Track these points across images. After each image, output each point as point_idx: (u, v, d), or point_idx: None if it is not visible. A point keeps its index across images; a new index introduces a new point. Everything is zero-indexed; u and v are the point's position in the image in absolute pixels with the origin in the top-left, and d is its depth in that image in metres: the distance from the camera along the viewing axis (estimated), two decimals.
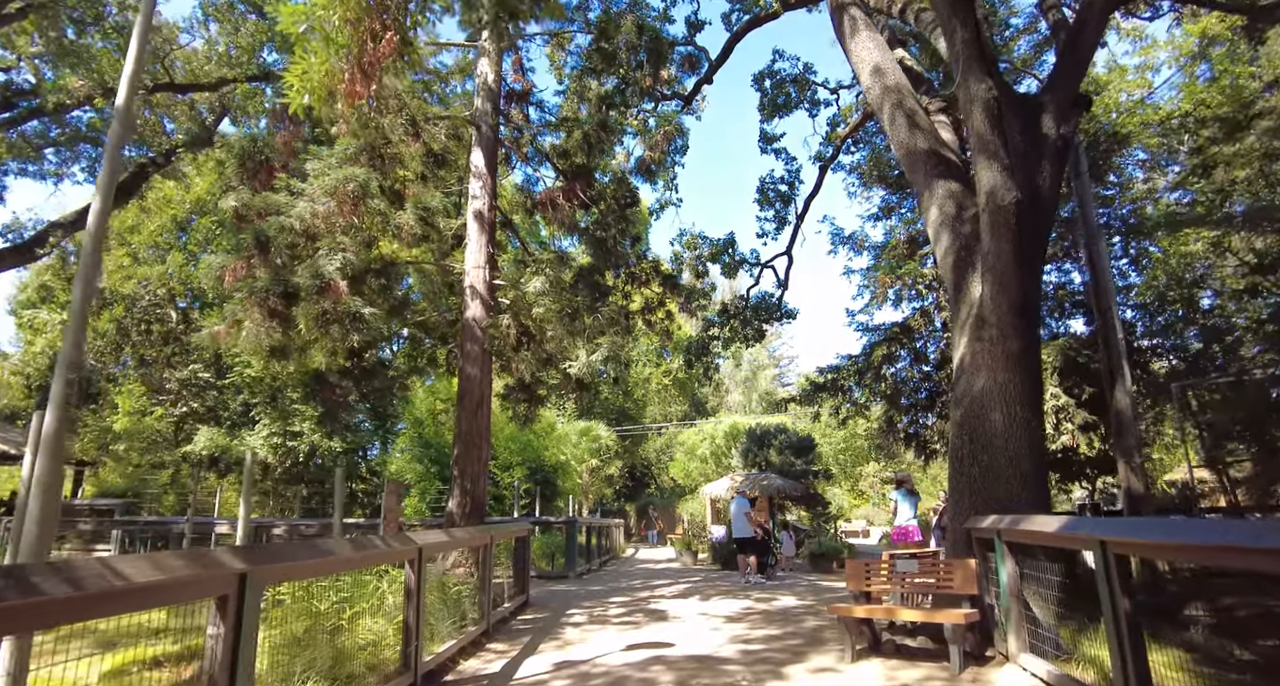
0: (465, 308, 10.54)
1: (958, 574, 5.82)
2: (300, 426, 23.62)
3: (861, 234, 18.18)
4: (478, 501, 9.87)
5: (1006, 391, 6.73)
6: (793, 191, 17.68)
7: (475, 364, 10.25)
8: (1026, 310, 7.01)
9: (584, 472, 27.09)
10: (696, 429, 30.70)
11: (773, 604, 9.72)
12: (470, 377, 10.20)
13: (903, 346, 16.25)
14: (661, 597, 10.67)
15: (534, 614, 9.22)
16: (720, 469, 26.20)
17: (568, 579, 13.59)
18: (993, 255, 6.79)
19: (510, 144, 12.94)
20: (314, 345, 9.25)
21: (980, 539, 6.12)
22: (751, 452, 21.94)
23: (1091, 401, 13.73)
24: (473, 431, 10.02)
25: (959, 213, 8.01)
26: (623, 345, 9.41)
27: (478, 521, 9.90)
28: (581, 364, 9.29)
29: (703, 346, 18.92)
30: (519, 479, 18.03)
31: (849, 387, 18.95)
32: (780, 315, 19.26)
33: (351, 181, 7.11)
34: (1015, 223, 6.67)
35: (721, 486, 19.82)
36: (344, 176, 7.11)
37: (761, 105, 19.10)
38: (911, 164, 8.68)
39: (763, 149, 18.93)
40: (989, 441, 6.70)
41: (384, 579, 7.64)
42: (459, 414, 10.22)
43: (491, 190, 10.95)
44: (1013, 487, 6.47)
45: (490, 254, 10.69)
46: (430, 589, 7.86)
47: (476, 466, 9.94)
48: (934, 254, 8.22)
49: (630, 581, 13.48)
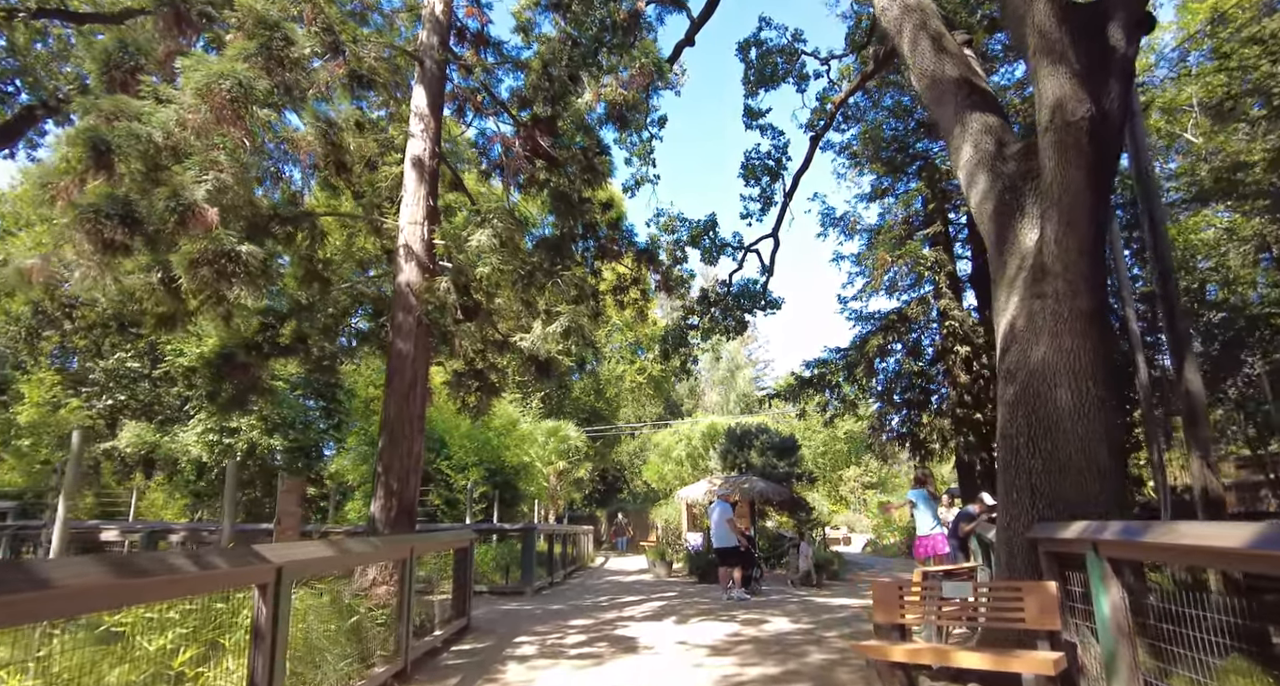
0: (398, 271, 8.79)
1: (1031, 601, 4.25)
2: (239, 422, 21.55)
3: (854, 214, 16.77)
4: (406, 504, 8.09)
5: (1076, 362, 5.21)
6: (780, 168, 16.22)
7: (407, 338, 8.49)
8: (1097, 257, 5.52)
9: (551, 476, 25.27)
10: (672, 429, 29.05)
11: (764, 628, 8.10)
12: (401, 355, 8.44)
13: (899, 337, 14.82)
14: (631, 619, 8.98)
15: (473, 642, 7.48)
16: (697, 471, 24.60)
17: (523, 595, 11.83)
18: (1059, 185, 5.28)
19: (464, 95, 11.23)
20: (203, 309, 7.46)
21: (1057, 554, 4.57)
22: (731, 454, 20.37)
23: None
24: (402, 419, 8.25)
25: (999, 149, 6.51)
26: (586, 315, 7.77)
27: (407, 528, 8.12)
28: (535, 336, 7.59)
29: (680, 337, 17.32)
30: (474, 481, 16.20)
31: (836, 383, 17.50)
32: (764, 304, 17.74)
33: (227, 79, 5.39)
34: (1089, 142, 5.17)
35: (699, 490, 18.20)
36: (218, 72, 5.38)
37: (746, 78, 17.67)
38: (938, 95, 7.17)
39: (748, 124, 17.48)
40: (1054, 425, 5.17)
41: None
42: (386, 398, 8.45)
43: (435, 134, 9.23)
44: (1086, 484, 4.94)
45: (431, 208, 8.95)
46: (328, 616, 6.09)
47: (406, 462, 8.16)
48: (968, 200, 6.73)
49: (596, 598, 11.77)
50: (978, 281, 16.31)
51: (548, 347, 7.76)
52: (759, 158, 16.45)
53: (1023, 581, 4.53)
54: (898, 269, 14.42)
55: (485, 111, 11.00)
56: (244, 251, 5.78)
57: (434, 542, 6.95)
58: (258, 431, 21.22)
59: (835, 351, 17.59)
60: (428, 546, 6.85)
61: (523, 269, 7.95)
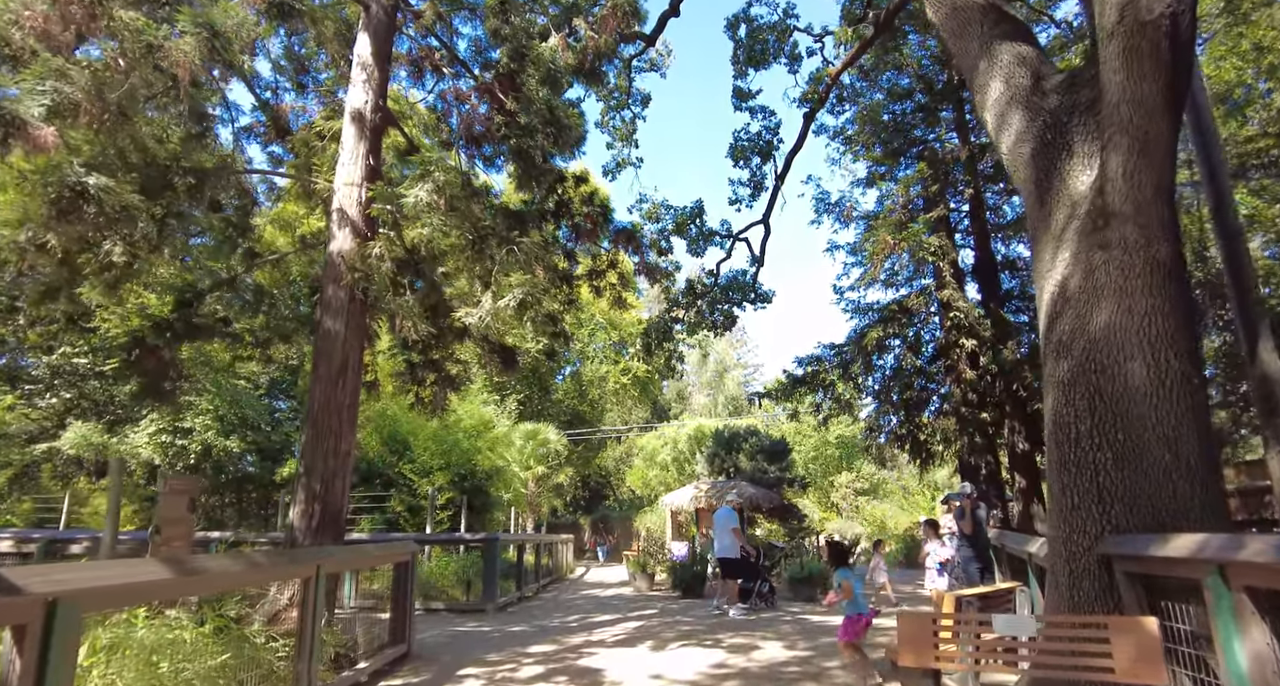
0: (330, 238, 7.56)
1: (1122, 644, 3.07)
2: (193, 422, 20.17)
3: (850, 199, 15.67)
4: (332, 511, 6.83)
5: (1152, 327, 4.08)
6: (772, 148, 15.12)
7: (337, 316, 7.25)
8: (1172, 200, 4.40)
9: (530, 481, 23.97)
10: (657, 433, 27.80)
11: (753, 656, 6.89)
12: (329, 334, 7.19)
13: (900, 330, 13.71)
14: (600, 644, 7.75)
15: (409, 676, 6.23)
16: (683, 477, 23.39)
17: (484, 613, 10.56)
18: (1130, 105, 4.16)
19: (422, 55, 10.05)
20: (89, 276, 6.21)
21: (1145, 577, 3.42)
22: (719, 457, 19.18)
23: None
24: (329, 410, 7.00)
25: (1036, 83, 5.41)
26: (547, 288, 6.57)
27: (334, 538, 6.86)
28: (484, 311, 6.37)
29: (663, 331, 16.17)
30: (438, 486, 14.91)
31: (831, 382, 16.37)
32: (754, 297, 16.62)
33: None
34: (1170, 47, 4.06)
35: (684, 496, 16.99)
36: None
37: (735, 57, 16.61)
38: (961, 25, 6.07)
39: (737, 106, 16.42)
40: (1125, 409, 4.03)
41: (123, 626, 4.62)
42: (312, 385, 7.19)
43: (379, 86, 8.03)
44: (1175, 484, 3.79)
45: (372, 168, 7.74)
46: (207, 650, 4.85)
47: (333, 461, 6.91)
48: (998, 146, 5.63)
49: (566, 616, 10.52)
50: (981, 272, 15.26)
51: (499, 326, 6.56)
52: (749, 138, 15.36)
53: (1107, 616, 3.36)
54: (898, 257, 13.33)
55: (443, 71, 9.80)
56: (93, 185, 4.55)
57: (356, 558, 5.71)
58: (213, 432, 19.81)
59: (829, 348, 16.47)
60: (347, 561, 5.59)
61: (471, 233, 6.75)
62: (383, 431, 16.08)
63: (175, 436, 20.21)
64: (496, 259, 6.83)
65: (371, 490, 15.51)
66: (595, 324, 27.70)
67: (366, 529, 14.92)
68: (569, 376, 29.67)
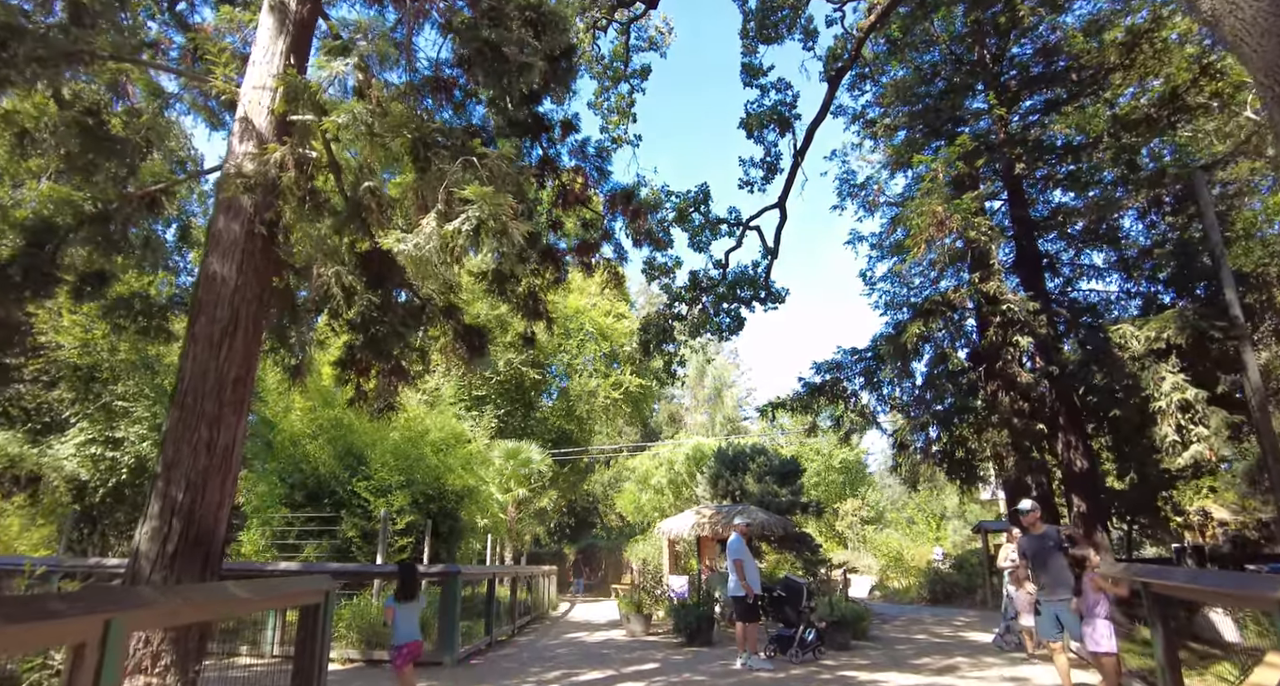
0: (229, 156, 5.52)
1: None
2: (126, 431, 17.84)
3: (877, 180, 13.84)
4: (202, 531, 4.67)
5: None
6: (791, 120, 13.33)
7: (229, 255, 5.17)
8: None
9: (510, 505, 21.62)
10: (651, 453, 25.52)
11: None
12: (214, 280, 5.11)
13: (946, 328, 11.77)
14: None
15: None
16: (681, 501, 21.14)
17: (440, 667, 8.29)
18: None
19: None
20: None
21: None
22: (722, 479, 17.01)
23: (1230, 395, 9.43)
24: (207, 385, 4.88)
25: None
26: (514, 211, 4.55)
27: (203, 571, 4.68)
28: (426, 235, 4.30)
29: (663, 329, 14.17)
30: (398, 509, 12.66)
31: (853, 393, 14.37)
32: (766, 295, 14.71)
33: None
34: None
35: (684, 523, 14.79)
36: None
37: (745, 32, 14.97)
38: None
39: (746, 82, 14.69)
40: None
41: None
42: (184, 350, 5.08)
43: None
44: None
45: (289, 69, 5.74)
46: None
47: (206, 458, 4.76)
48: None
49: (544, 672, 8.28)
50: (1023, 266, 13.45)
51: (448, 261, 4.51)
52: (764, 108, 13.57)
53: None
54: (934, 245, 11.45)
55: None
56: None
57: (204, 604, 3.56)
58: (149, 442, 17.42)
59: (849, 353, 14.51)
60: (182, 610, 3.44)
61: (414, 134, 4.77)
62: (336, 443, 13.83)
63: (106, 447, 17.84)
64: (447, 178, 4.82)
65: (320, 510, 13.22)
66: (585, 334, 25.62)
67: (311, 557, 12.61)
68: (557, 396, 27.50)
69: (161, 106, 6.26)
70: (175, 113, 6.48)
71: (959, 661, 8.54)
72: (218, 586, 4.11)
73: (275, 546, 13.32)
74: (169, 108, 6.37)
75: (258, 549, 13.53)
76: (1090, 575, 5.66)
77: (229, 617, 4.86)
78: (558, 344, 25.37)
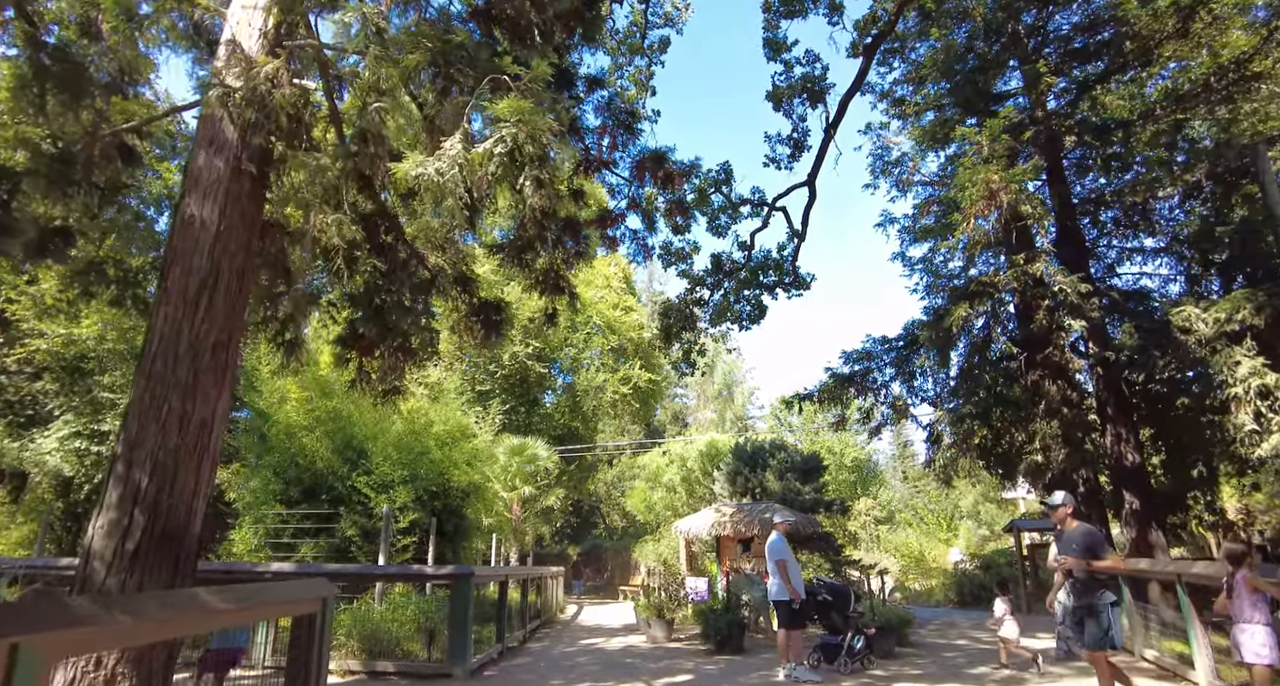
0: (211, 82, 4.69)
1: None
2: (113, 423, 16.99)
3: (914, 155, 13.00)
4: (171, 526, 3.83)
5: None
6: (821, 88, 12.51)
7: (209, 197, 4.34)
8: None
9: (514, 503, 20.78)
10: (662, 450, 24.66)
11: None
12: (192, 225, 4.28)
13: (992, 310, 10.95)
14: None
15: None
16: (694, 499, 20.28)
17: (452, 679, 7.45)
18: None
19: None
20: None
21: None
22: (741, 476, 16.18)
23: None
24: (179, 349, 4.05)
25: None
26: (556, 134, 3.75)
27: (172, 574, 3.85)
28: (450, 157, 3.47)
29: (685, 315, 13.34)
30: (400, 505, 11.81)
31: (883, 384, 13.56)
32: (791, 281, 13.89)
33: None
34: None
35: (703, 522, 13.95)
36: None
37: (766, 4, 14.15)
38: None
39: (769, 56, 13.87)
40: None
41: None
42: (154, 309, 4.25)
43: None
44: None
45: None
46: None
47: (176, 437, 3.93)
48: None
49: (567, 682, 7.44)
50: (1065, 247, 12.62)
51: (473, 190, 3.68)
52: (793, 78, 12.75)
53: None
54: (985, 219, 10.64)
55: None
56: None
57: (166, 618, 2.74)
58: None
59: (879, 342, 13.71)
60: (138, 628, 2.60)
61: (435, 46, 3.96)
62: (334, 436, 12.96)
63: (91, 441, 16.97)
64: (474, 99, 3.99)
65: (317, 507, 12.37)
66: (591, 327, 24.77)
67: (308, 558, 11.77)
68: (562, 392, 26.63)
69: (133, 31, 5.42)
70: (150, 41, 5.64)
71: (1016, 671, 7.73)
72: (187, 594, 3.27)
73: (269, 546, 12.46)
74: (140, 35, 5.52)
75: (250, 548, 12.67)
76: (1243, 575, 4.85)
77: (199, 633, 4.05)
78: (564, 337, 24.54)
